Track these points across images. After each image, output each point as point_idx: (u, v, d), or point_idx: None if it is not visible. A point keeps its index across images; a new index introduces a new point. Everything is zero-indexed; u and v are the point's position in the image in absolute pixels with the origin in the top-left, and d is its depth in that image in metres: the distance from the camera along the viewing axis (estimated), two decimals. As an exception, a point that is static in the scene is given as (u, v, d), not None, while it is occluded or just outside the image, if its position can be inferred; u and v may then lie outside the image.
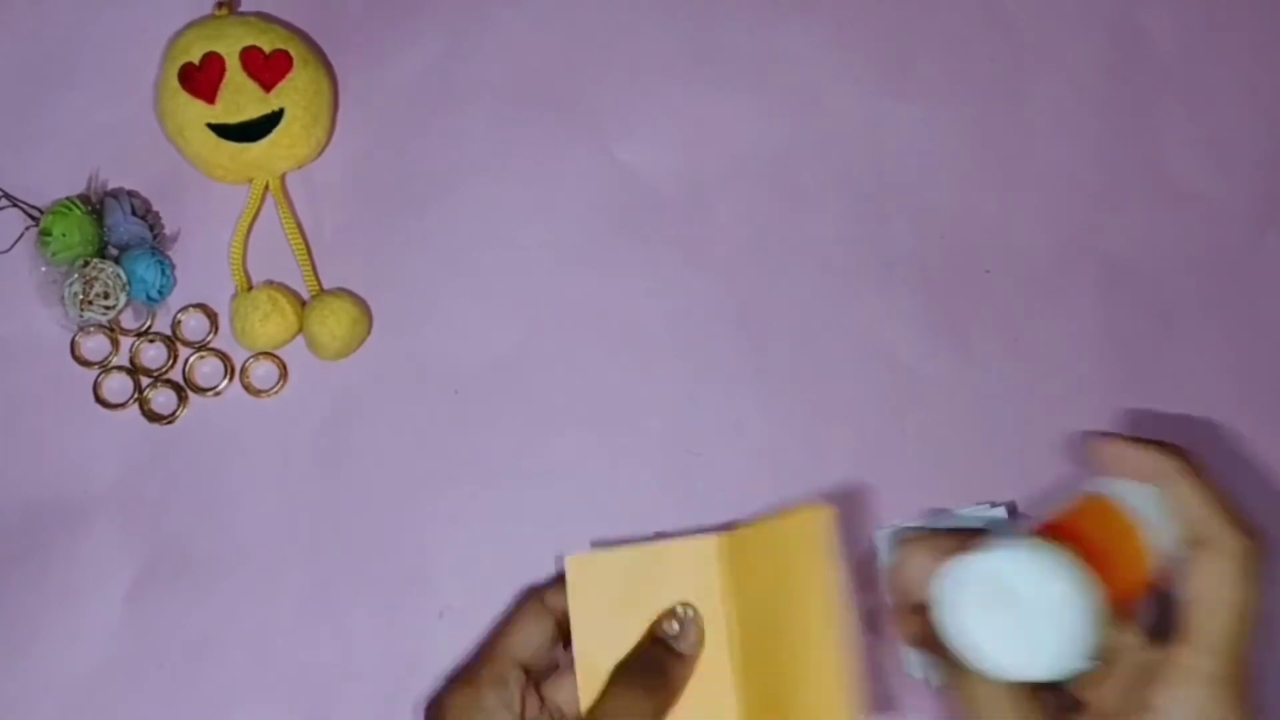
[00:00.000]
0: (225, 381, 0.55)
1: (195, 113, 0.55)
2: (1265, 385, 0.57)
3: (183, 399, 0.55)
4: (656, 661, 0.45)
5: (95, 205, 0.55)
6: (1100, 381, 0.56)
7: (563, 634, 0.47)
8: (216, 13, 0.57)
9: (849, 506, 0.55)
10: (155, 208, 0.57)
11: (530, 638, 0.46)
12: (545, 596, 0.47)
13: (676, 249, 0.57)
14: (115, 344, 0.56)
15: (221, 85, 0.55)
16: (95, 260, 0.54)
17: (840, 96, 0.59)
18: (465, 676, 0.46)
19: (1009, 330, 0.57)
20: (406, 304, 0.56)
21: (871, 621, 0.50)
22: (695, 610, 0.46)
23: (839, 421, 0.56)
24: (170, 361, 0.56)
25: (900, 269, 0.57)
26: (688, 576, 0.46)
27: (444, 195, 0.58)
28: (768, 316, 0.57)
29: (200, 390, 0.55)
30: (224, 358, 0.56)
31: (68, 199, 0.55)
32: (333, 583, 0.54)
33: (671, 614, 0.46)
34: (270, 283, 0.56)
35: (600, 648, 0.46)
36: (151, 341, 0.56)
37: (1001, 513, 0.53)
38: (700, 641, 0.46)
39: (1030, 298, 0.57)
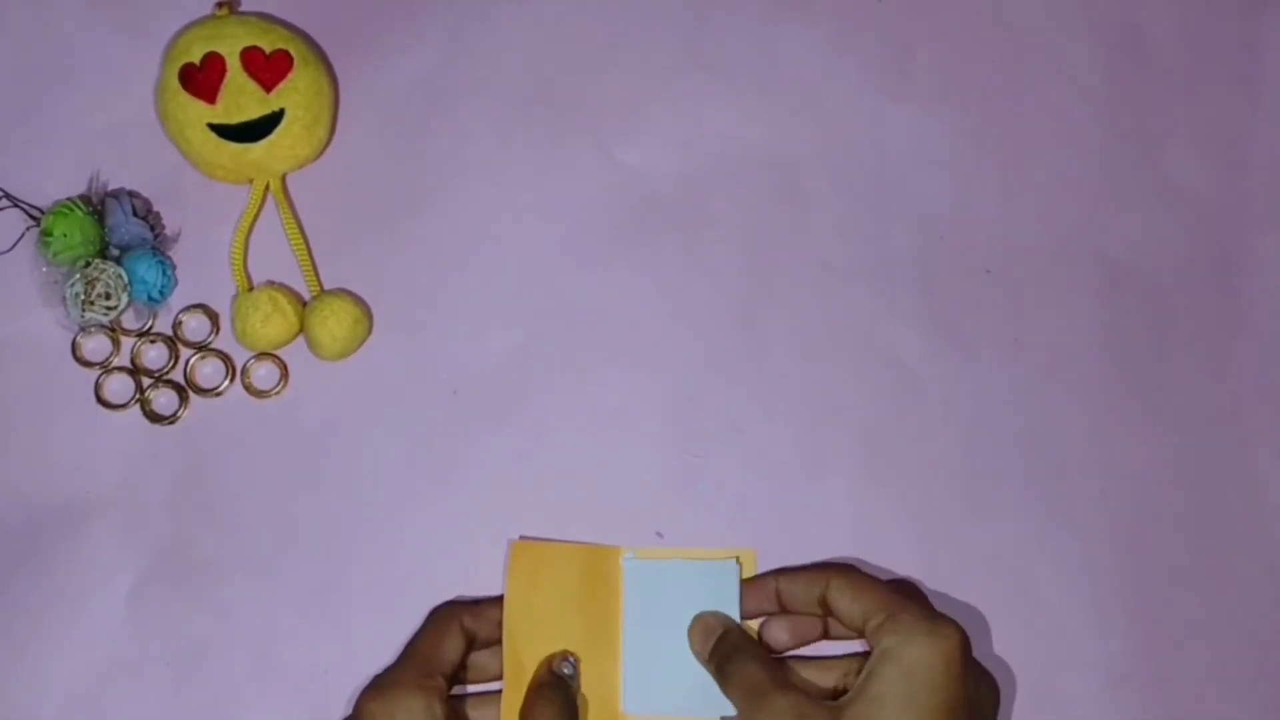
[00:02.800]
0: (226, 382, 0.56)
1: (196, 113, 0.55)
2: (1266, 386, 0.57)
3: (184, 399, 0.55)
4: (563, 686, 0.50)
5: (96, 206, 0.55)
6: (1100, 381, 0.56)
7: (469, 650, 0.50)
8: (217, 13, 0.57)
9: (849, 506, 0.55)
10: (156, 208, 0.57)
11: (449, 651, 0.49)
12: (463, 617, 0.50)
13: (677, 249, 0.58)
14: (116, 344, 0.56)
15: (222, 85, 0.55)
16: (96, 261, 0.54)
17: (840, 97, 0.59)
18: (389, 681, 0.48)
19: (1009, 330, 0.57)
20: (407, 304, 0.56)
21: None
22: (578, 660, 0.51)
23: (839, 422, 0.56)
24: (171, 362, 0.56)
25: (900, 269, 0.57)
26: (611, 580, 0.52)
27: (444, 196, 0.58)
28: (768, 317, 0.57)
29: (201, 391, 0.55)
30: (225, 358, 0.56)
31: (69, 199, 0.55)
32: (334, 583, 0.54)
33: (564, 656, 0.50)
34: (271, 283, 0.56)
35: (526, 631, 0.50)
36: (153, 342, 0.56)
37: (734, 566, 0.52)
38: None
39: (1030, 298, 0.57)
